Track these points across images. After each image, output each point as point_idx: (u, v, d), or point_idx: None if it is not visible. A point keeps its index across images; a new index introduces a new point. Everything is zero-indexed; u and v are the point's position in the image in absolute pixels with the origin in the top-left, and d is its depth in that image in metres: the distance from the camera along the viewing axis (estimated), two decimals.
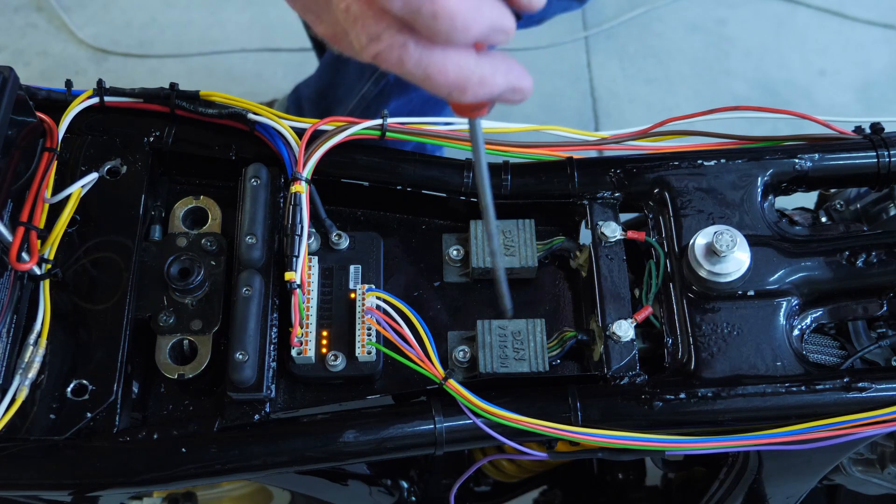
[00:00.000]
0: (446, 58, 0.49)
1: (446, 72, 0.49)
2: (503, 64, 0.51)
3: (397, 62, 0.49)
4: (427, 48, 0.48)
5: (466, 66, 0.50)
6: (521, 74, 0.53)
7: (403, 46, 0.48)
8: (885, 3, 2.14)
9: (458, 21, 0.47)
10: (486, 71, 0.50)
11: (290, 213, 0.74)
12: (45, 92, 0.80)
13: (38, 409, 0.70)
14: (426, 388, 0.74)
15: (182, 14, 2.10)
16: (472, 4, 0.47)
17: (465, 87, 0.50)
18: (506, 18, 0.50)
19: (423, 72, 0.49)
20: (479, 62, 0.50)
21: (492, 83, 0.51)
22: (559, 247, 0.80)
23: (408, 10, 0.46)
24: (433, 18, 0.46)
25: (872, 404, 0.71)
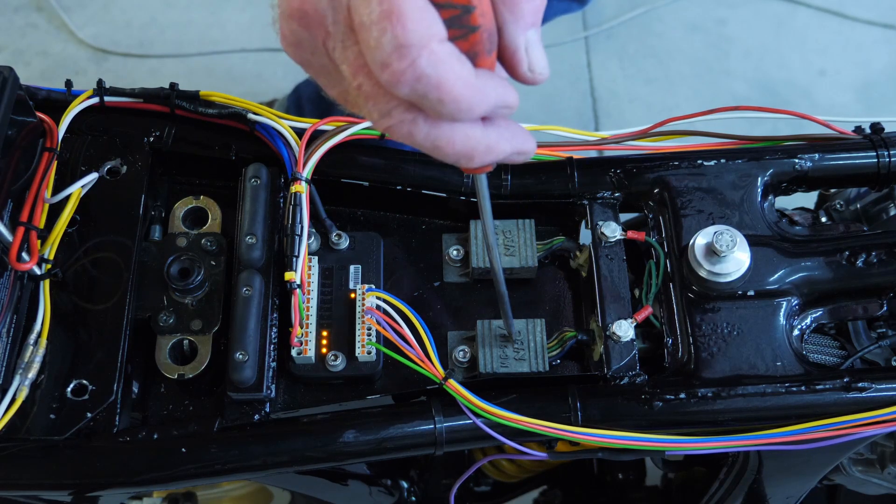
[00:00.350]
0: (454, 131, 0.51)
1: (454, 144, 0.52)
2: (508, 131, 0.54)
3: (407, 135, 0.52)
4: (435, 124, 0.51)
5: (473, 136, 0.52)
6: (525, 138, 0.55)
7: (413, 122, 0.51)
8: (885, 3, 2.14)
9: (462, 104, 0.49)
10: (491, 140, 0.53)
11: (290, 213, 0.74)
12: (45, 92, 0.80)
13: (38, 409, 0.70)
14: (426, 388, 0.74)
15: (182, 14, 2.10)
16: (476, 88, 0.49)
17: (472, 156, 0.53)
18: (509, 96, 0.52)
19: (431, 144, 0.52)
20: (486, 132, 0.52)
21: (497, 150, 0.53)
22: (559, 247, 0.80)
23: (414, 96, 0.49)
24: (439, 103, 0.49)
25: (872, 404, 0.71)
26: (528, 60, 0.52)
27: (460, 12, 0.48)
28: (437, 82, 0.48)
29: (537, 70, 0.53)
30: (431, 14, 0.47)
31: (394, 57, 0.47)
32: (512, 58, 0.52)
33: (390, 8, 0.46)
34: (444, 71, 0.48)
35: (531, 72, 0.53)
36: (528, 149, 0.56)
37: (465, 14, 0.48)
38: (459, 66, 0.49)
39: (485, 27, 0.49)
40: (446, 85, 0.48)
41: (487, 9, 0.49)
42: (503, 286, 0.70)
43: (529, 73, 0.53)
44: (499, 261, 0.68)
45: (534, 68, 0.53)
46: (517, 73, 0.53)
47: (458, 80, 0.48)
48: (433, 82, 0.48)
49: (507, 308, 0.72)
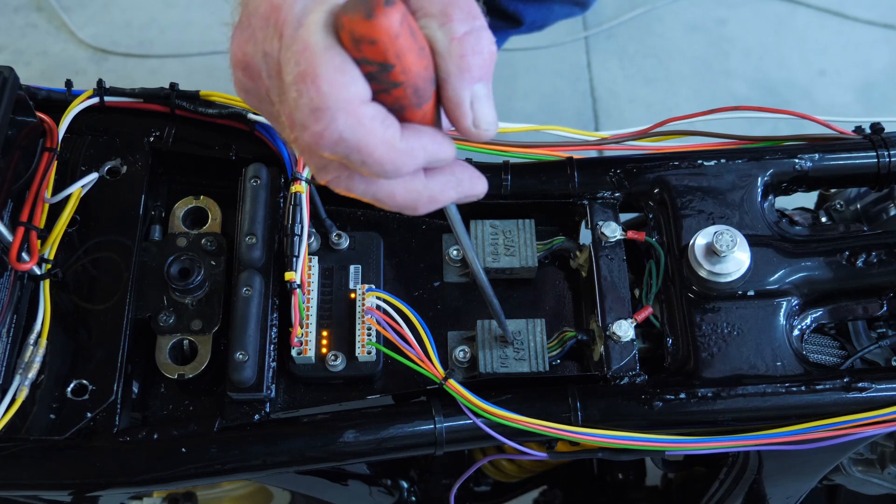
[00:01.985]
0: (393, 185, 0.51)
1: (394, 197, 0.51)
2: (453, 177, 0.53)
3: (346, 190, 0.51)
4: (372, 180, 0.50)
5: (414, 189, 0.51)
6: (473, 183, 0.54)
7: (349, 178, 0.50)
8: (885, 3, 2.14)
9: (387, 167, 0.48)
10: (434, 190, 0.52)
11: (291, 213, 0.74)
12: (45, 92, 0.80)
13: (38, 409, 0.70)
14: (426, 388, 0.74)
15: (182, 14, 2.10)
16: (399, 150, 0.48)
17: (416, 207, 0.52)
18: (443, 150, 0.51)
19: (371, 197, 0.51)
20: (427, 183, 0.51)
21: (442, 199, 0.52)
22: (559, 247, 0.80)
23: (339, 157, 0.48)
24: (363, 165, 0.48)
25: (872, 404, 0.71)
26: (472, 115, 0.50)
27: (378, 69, 0.47)
28: (356, 145, 0.47)
29: (482, 126, 0.51)
30: (350, 74, 0.46)
31: (311, 119, 0.46)
32: (455, 111, 0.50)
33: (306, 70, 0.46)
34: (364, 134, 0.47)
35: (475, 127, 0.51)
36: (476, 192, 0.54)
37: (383, 71, 0.47)
38: (382, 128, 0.47)
39: (408, 83, 0.48)
40: (367, 148, 0.47)
41: (412, 64, 0.47)
42: (492, 296, 0.70)
43: (474, 128, 0.51)
44: (482, 274, 0.67)
45: (479, 124, 0.51)
46: (461, 127, 0.51)
47: (379, 143, 0.47)
48: (352, 145, 0.47)
49: (499, 313, 0.72)
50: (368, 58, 0.46)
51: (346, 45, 0.46)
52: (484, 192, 0.55)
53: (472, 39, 0.48)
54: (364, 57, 0.46)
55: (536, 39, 2.01)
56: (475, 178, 0.54)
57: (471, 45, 0.48)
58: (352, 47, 0.46)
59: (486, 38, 0.49)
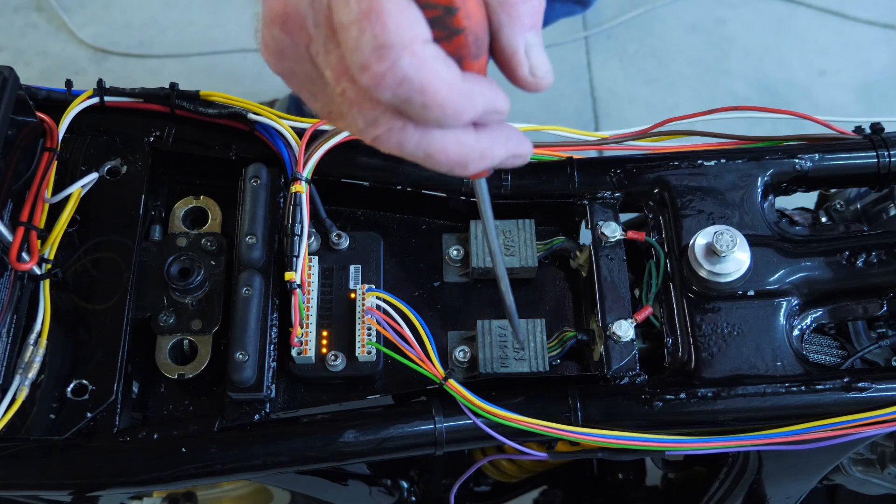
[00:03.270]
0: (445, 139, 0.49)
1: (446, 152, 0.49)
2: (501, 135, 0.51)
3: (397, 145, 0.49)
4: (425, 132, 0.48)
5: (466, 143, 0.50)
6: (520, 141, 0.53)
7: (402, 130, 0.48)
8: (885, 3, 2.14)
9: (448, 109, 0.47)
10: (485, 145, 0.50)
11: (291, 213, 0.74)
12: (45, 92, 0.80)
13: (38, 409, 0.70)
14: (426, 388, 0.74)
15: (182, 14, 2.10)
16: (462, 92, 0.47)
17: (466, 164, 0.50)
18: (499, 100, 0.50)
19: (423, 153, 0.49)
20: (479, 138, 0.50)
21: (492, 156, 0.51)
22: (559, 247, 0.80)
23: (398, 101, 0.46)
24: (424, 108, 0.46)
25: (872, 404, 0.71)
26: (528, 64, 0.49)
27: (442, 13, 0.46)
28: (420, 86, 0.45)
29: (539, 74, 0.50)
30: (413, 13, 0.45)
31: (373, 58, 0.45)
32: (511, 61, 0.49)
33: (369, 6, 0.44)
34: (428, 74, 0.45)
35: (533, 76, 0.50)
36: (524, 151, 0.53)
37: (447, 15, 0.46)
38: (445, 69, 0.46)
39: (470, 30, 0.47)
40: (430, 88, 0.46)
41: (474, 10, 0.47)
42: (509, 293, 0.68)
43: (531, 77, 0.50)
44: (502, 265, 0.66)
45: (536, 72, 0.50)
46: (518, 77, 0.50)
47: (443, 84, 0.46)
48: (416, 86, 0.45)
49: (513, 313, 0.70)
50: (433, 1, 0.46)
51: None
52: (531, 152, 0.54)
53: None
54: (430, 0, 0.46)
55: None
56: (522, 137, 0.53)
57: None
58: None
59: None
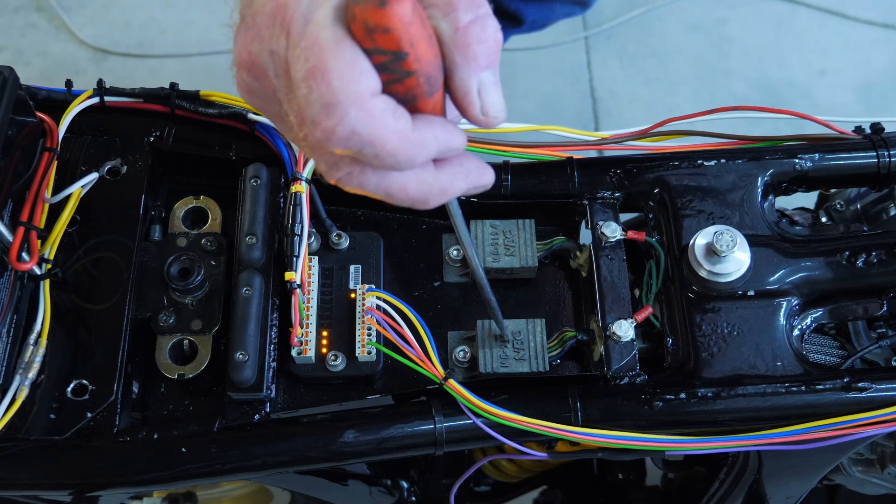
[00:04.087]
0: (404, 178, 0.51)
1: (406, 191, 0.51)
2: (462, 169, 0.53)
3: (358, 186, 0.51)
4: (384, 174, 0.50)
5: (426, 181, 0.51)
6: (481, 173, 0.54)
7: (361, 174, 0.50)
8: (885, 3, 2.14)
9: (400, 157, 0.48)
10: (444, 182, 0.52)
11: (291, 213, 0.74)
12: (45, 92, 0.80)
13: (38, 409, 0.70)
14: (426, 388, 0.74)
15: (182, 14, 2.10)
16: (412, 140, 0.48)
17: (427, 200, 0.52)
18: (454, 139, 0.51)
19: (384, 192, 0.51)
20: (438, 175, 0.52)
21: (452, 190, 0.53)
22: (559, 247, 0.80)
23: (351, 151, 0.48)
24: (376, 158, 0.48)
25: (872, 404, 0.71)
26: (480, 104, 0.50)
27: (391, 59, 0.47)
28: (370, 138, 0.47)
29: (491, 114, 0.51)
30: (360, 66, 0.46)
31: (322, 115, 0.46)
32: (463, 100, 0.50)
33: (316, 65, 0.45)
34: (377, 128, 0.47)
35: (484, 115, 0.51)
36: (484, 182, 0.54)
37: (396, 61, 0.47)
38: (393, 120, 0.47)
39: (421, 72, 0.48)
40: (380, 140, 0.47)
41: (424, 52, 0.47)
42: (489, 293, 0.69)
43: (483, 116, 0.51)
44: (480, 272, 0.67)
45: (487, 111, 0.51)
46: (469, 115, 0.51)
47: (392, 135, 0.47)
48: (366, 139, 0.47)
49: (496, 311, 0.71)
50: (382, 47, 0.46)
51: (358, 37, 0.46)
52: (491, 181, 0.55)
53: (477, 28, 0.49)
54: (377, 47, 0.46)
55: (536, 39, 2.01)
56: (482, 167, 0.54)
57: (476, 34, 0.48)
58: (364, 37, 0.46)
59: (491, 26, 0.49)
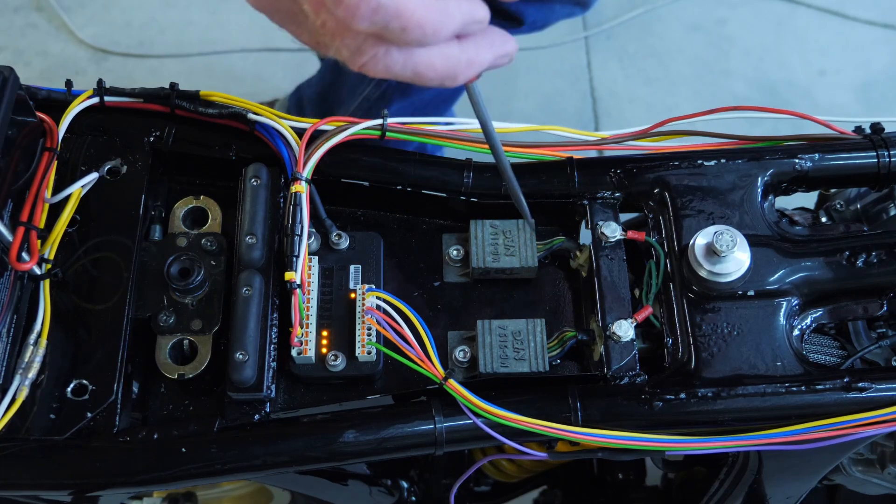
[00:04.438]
0: (430, 55, 0.50)
1: (434, 67, 0.50)
2: (485, 39, 0.52)
3: (384, 69, 0.50)
4: (409, 51, 0.49)
5: (451, 55, 0.50)
6: (504, 40, 0.53)
7: (386, 55, 0.49)
8: (885, 3, 2.14)
9: (427, 29, 0.47)
10: (471, 54, 0.51)
11: (291, 213, 0.74)
12: (45, 92, 0.80)
13: (38, 409, 0.70)
14: (426, 388, 0.74)
15: (182, 14, 2.10)
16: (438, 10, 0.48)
17: (455, 76, 0.51)
18: (477, 10, 0.50)
19: (412, 72, 0.50)
20: (464, 48, 0.51)
21: (479, 62, 0.52)
22: (559, 247, 0.80)
23: (377, 28, 0.47)
24: (403, 31, 0.47)
25: (872, 404, 0.71)
26: None
27: None
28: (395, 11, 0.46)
29: None
30: None
31: None
32: None
33: None
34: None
35: None
36: (509, 50, 0.54)
37: None
38: None
39: None
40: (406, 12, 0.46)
41: None
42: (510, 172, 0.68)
43: None
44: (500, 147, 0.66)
45: None
46: None
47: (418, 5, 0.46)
48: (391, 11, 0.46)
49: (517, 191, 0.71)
50: None
51: None
52: (515, 50, 0.54)
53: None
54: None
55: (536, 39, 2.01)
56: (505, 36, 0.54)
57: None
58: None
59: None
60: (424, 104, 1.49)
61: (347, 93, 1.51)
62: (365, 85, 1.47)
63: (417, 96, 1.47)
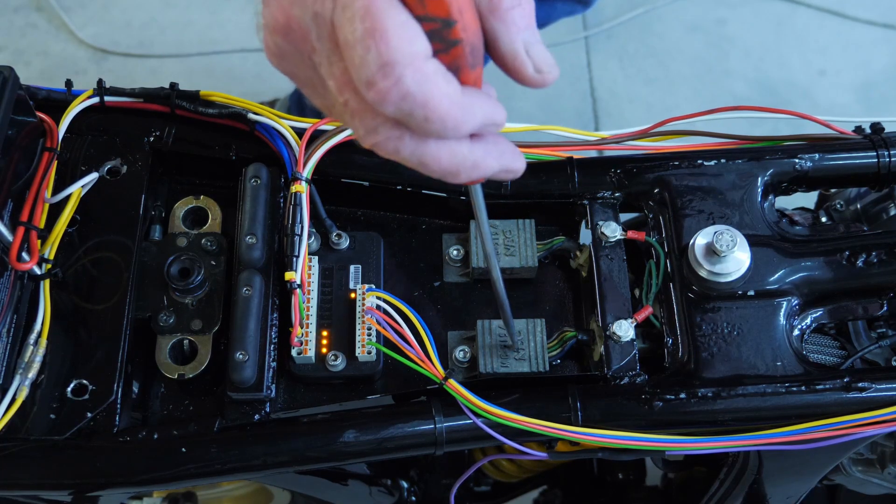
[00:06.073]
0: (439, 149, 0.51)
1: (440, 160, 0.51)
2: (495, 148, 0.53)
3: (393, 151, 0.51)
4: (421, 141, 0.50)
5: (460, 153, 0.51)
6: (514, 156, 0.54)
7: (399, 139, 0.50)
8: (885, 3, 2.14)
9: (449, 123, 0.48)
10: (478, 157, 0.52)
11: (291, 213, 0.74)
12: (45, 92, 0.80)
13: (38, 409, 0.70)
14: (426, 388, 0.74)
15: (182, 14, 2.10)
16: (462, 106, 0.49)
17: (458, 173, 0.52)
18: (497, 113, 0.51)
19: (417, 160, 0.51)
20: (472, 149, 0.52)
21: (484, 167, 0.53)
22: (559, 247, 0.80)
23: (400, 114, 0.48)
24: (425, 121, 0.48)
25: (872, 404, 0.71)
26: (532, 62, 0.51)
27: (440, 26, 0.47)
28: (423, 100, 0.47)
29: (545, 70, 0.52)
30: (414, 29, 0.47)
31: (379, 76, 0.46)
32: (514, 63, 0.51)
33: (373, 26, 0.46)
34: (430, 89, 0.47)
35: (539, 73, 0.52)
36: (516, 167, 0.55)
37: (445, 28, 0.47)
38: (445, 83, 0.48)
39: (467, 41, 0.48)
40: (432, 103, 0.47)
41: (470, 22, 0.48)
42: (504, 295, 0.69)
43: (537, 74, 0.52)
44: (497, 270, 0.67)
45: (541, 68, 0.52)
46: (525, 77, 0.52)
47: (444, 98, 0.48)
48: (419, 100, 0.47)
49: (508, 317, 0.71)
50: (431, 13, 0.47)
51: (409, 2, 0.47)
52: (523, 168, 0.55)
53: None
54: (427, 13, 0.47)
55: None
56: (516, 152, 0.55)
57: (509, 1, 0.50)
58: (415, 3, 0.47)
59: None
60: None
61: None
62: None
63: None
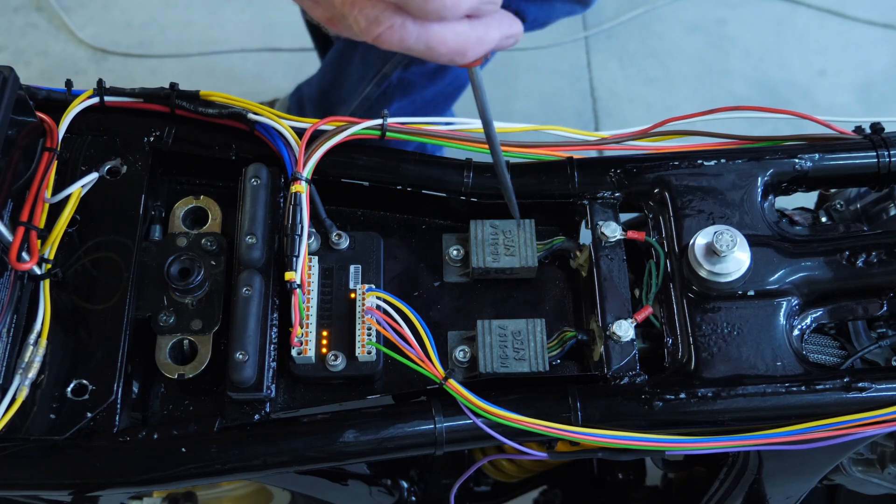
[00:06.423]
0: (444, 30, 0.52)
1: (446, 42, 0.52)
2: (494, 19, 0.54)
3: (398, 41, 0.52)
4: (425, 25, 0.51)
5: (463, 32, 0.53)
6: (511, 22, 0.56)
7: (402, 27, 0.51)
8: (885, 3, 2.14)
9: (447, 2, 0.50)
10: (480, 32, 0.53)
11: (291, 213, 0.74)
12: (45, 92, 0.80)
13: (38, 409, 0.70)
14: (426, 388, 0.74)
15: (182, 14, 2.10)
16: None
17: (465, 51, 0.53)
18: None
19: (424, 45, 0.52)
20: (473, 26, 0.53)
21: (488, 40, 0.54)
22: (559, 247, 0.80)
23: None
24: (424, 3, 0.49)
25: (872, 404, 0.71)
26: None
27: None
28: None
29: None
30: None
31: None
32: None
33: None
34: None
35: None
36: (515, 31, 0.56)
37: None
38: None
39: None
40: None
41: None
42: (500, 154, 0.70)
43: None
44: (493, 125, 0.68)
45: None
46: None
47: None
48: None
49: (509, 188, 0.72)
50: None
51: None
52: (521, 32, 0.57)
53: None
54: None
55: (536, 39, 2.01)
56: (512, 18, 0.56)
57: None
58: None
59: None
60: (425, 102, 1.49)
61: (348, 92, 1.51)
62: (366, 84, 1.47)
63: (418, 95, 1.47)
